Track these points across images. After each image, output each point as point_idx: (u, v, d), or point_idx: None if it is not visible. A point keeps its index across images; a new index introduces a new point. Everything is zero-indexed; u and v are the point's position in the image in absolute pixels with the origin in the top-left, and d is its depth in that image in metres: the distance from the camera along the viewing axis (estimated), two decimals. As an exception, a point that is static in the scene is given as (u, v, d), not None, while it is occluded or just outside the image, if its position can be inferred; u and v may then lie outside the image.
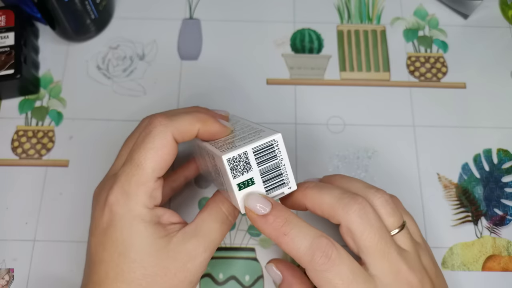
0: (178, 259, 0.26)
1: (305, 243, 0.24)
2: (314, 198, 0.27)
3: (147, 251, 0.26)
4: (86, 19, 0.39)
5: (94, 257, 0.27)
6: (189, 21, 0.43)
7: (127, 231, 0.26)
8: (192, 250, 0.26)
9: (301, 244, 0.25)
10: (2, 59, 0.38)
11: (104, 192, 0.27)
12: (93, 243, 0.27)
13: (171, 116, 0.27)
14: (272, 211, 0.25)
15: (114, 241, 0.26)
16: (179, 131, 0.27)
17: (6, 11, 0.39)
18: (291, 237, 0.25)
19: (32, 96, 0.40)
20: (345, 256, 0.25)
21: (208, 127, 0.27)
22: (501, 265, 0.35)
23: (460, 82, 0.41)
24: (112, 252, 0.26)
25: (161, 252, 0.26)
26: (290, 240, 0.25)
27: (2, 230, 0.35)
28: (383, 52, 0.42)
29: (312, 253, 0.24)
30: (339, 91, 0.40)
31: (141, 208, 0.26)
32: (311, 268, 0.25)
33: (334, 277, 0.24)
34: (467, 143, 0.39)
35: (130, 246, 0.26)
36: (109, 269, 0.26)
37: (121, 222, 0.26)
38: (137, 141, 0.27)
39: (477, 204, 0.37)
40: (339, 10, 0.44)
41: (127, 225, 0.26)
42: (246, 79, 0.41)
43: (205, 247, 0.27)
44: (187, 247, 0.26)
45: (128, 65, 0.41)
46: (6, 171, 0.37)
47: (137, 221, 0.26)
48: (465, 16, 0.43)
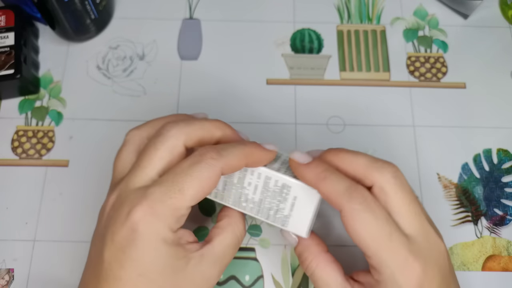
0: (194, 282, 0.26)
1: (343, 185, 0.26)
2: (348, 158, 0.27)
3: (167, 272, 0.25)
4: (86, 19, 0.39)
5: (108, 273, 0.25)
6: (189, 21, 0.43)
7: (149, 252, 0.25)
8: (208, 273, 0.26)
9: (340, 186, 0.26)
10: (2, 59, 0.38)
11: (127, 205, 0.25)
12: (108, 258, 0.25)
13: (221, 151, 0.26)
14: (313, 161, 0.27)
15: (134, 260, 0.25)
16: (227, 167, 0.26)
17: (6, 11, 0.39)
18: (330, 180, 0.26)
19: (32, 96, 0.40)
20: (379, 203, 0.26)
21: (254, 159, 0.28)
22: (501, 265, 0.35)
23: (460, 82, 0.41)
24: (131, 272, 0.25)
25: (179, 274, 0.26)
26: (330, 182, 0.26)
27: (2, 230, 0.35)
28: (383, 52, 0.42)
29: (350, 193, 0.25)
30: (339, 91, 0.40)
31: (167, 232, 0.25)
32: (348, 208, 0.25)
33: (370, 217, 0.25)
34: (467, 143, 0.39)
35: (151, 267, 0.25)
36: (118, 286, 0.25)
37: (144, 242, 0.25)
38: (181, 165, 0.26)
39: (477, 204, 0.37)
40: (339, 10, 0.44)
41: (150, 247, 0.25)
42: (246, 79, 0.41)
43: (220, 271, 0.27)
44: (204, 271, 0.26)
45: (128, 65, 0.41)
46: (6, 171, 0.37)
47: (161, 244, 0.25)
48: (465, 16, 0.43)
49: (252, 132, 0.38)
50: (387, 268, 0.25)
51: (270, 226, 0.36)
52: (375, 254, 0.25)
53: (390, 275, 0.25)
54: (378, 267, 0.25)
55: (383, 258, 0.25)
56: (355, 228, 0.25)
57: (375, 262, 0.25)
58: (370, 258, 0.26)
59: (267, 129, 0.39)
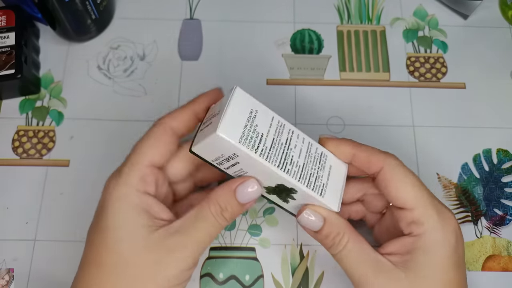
0: (154, 252, 0.26)
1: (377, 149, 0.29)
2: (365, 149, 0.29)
3: (125, 237, 0.26)
4: (87, 19, 0.39)
5: (86, 239, 0.28)
6: (189, 22, 0.43)
7: (111, 210, 0.26)
8: (171, 245, 0.26)
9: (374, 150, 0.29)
10: (3, 59, 0.38)
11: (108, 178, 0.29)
12: (90, 226, 0.28)
13: (170, 112, 0.30)
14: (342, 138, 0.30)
15: (99, 222, 0.27)
16: (173, 120, 0.29)
17: (7, 11, 0.39)
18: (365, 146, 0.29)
19: (32, 96, 0.40)
20: None
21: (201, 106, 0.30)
22: (501, 265, 0.35)
23: (460, 82, 0.41)
24: (97, 235, 0.27)
25: (138, 241, 0.26)
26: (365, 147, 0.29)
27: (2, 230, 0.35)
28: (383, 52, 0.42)
29: (386, 153, 0.29)
30: (339, 91, 0.40)
31: (129, 188, 0.27)
32: (389, 163, 0.27)
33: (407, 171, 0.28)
34: (466, 143, 0.39)
35: (111, 229, 0.26)
36: (90, 252, 0.27)
37: (109, 201, 0.27)
38: None
39: (477, 204, 0.37)
40: (339, 10, 0.44)
41: (112, 204, 0.26)
42: (246, 79, 0.41)
43: (186, 243, 0.26)
44: (167, 242, 0.26)
45: (129, 66, 0.41)
46: (6, 171, 0.37)
47: (122, 201, 0.26)
48: (465, 16, 0.43)
49: (252, 132, 0.38)
50: (430, 217, 0.26)
51: (270, 226, 0.36)
52: (418, 203, 0.26)
53: (434, 224, 0.26)
54: (420, 217, 0.26)
55: (426, 206, 0.26)
56: (397, 181, 0.27)
57: (418, 212, 0.26)
58: (412, 210, 0.26)
59: (267, 129, 0.39)
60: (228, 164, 0.27)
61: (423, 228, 0.26)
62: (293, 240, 0.35)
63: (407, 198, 0.27)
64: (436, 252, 0.26)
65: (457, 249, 0.26)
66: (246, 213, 0.36)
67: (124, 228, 0.26)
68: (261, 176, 0.27)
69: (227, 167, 0.27)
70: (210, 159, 0.28)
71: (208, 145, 0.26)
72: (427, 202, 0.27)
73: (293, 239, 0.35)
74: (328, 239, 0.28)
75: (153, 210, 0.27)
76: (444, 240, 0.26)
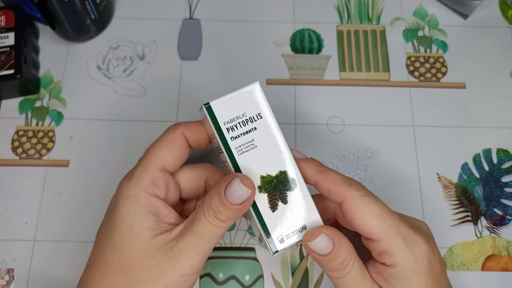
0: (154, 257, 0.26)
1: (341, 176, 0.27)
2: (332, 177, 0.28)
3: (130, 238, 0.26)
4: (86, 19, 0.39)
5: (95, 239, 0.28)
6: (189, 21, 0.43)
7: (120, 210, 0.26)
8: (170, 250, 0.26)
9: (338, 177, 0.27)
10: (2, 59, 0.38)
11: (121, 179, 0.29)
12: (101, 225, 0.28)
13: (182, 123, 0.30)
14: (310, 158, 0.29)
15: (108, 221, 0.27)
16: (187, 129, 0.29)
17: (6, 11, 0.39)
18: (329, 172, 0.28)
19: (32, 96, 0.40)
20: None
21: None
22: (501, 265, 0.35)
23: (460, 82, 0.41)
24: (105, 232, 0.27)
25: (141, 244, 0.26)
26: (329, 174, 0.27)
27: (2, 230, 0.35)
28: (382, 52, 0.42)
29: (349, 182, 0.27)
30: (339, 91, 0.40)
31: (139, 190, 0.27)
32: (350, 195, 0.26)
33: (371, 200, 0.26)
34: (466, 143, 0.39)
35: (118, 228, 0.26)
36: (97, 251, 0.27)
37: (119, 201, 0.27)
38: None
39: (477, 204, 0.37)
40: (339, 10, 0.44)
41: (122, 204, 0.27)
42: (246, 79, 0.41)
43: (184, 249, 0.26)
44: (166, 247, 0.26)
45: (128, 65, 0.41)
46: (6, 171, 0.37)
47: (131, 202, 0.26)
48: (465, 16, 0.43)
49: (252, 132, 0.38)
50: (398, 247, 0.26)
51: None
52: (384, 234, 0.26)
53: (403, 253, 0.26)
54: (388, 248, 0.26)
55: (392, 237, 0.26)
56: (359, 213, 0.26)
57: (385, 244, 0.26)
58: (379, 242, 0.26)
59: (267, 129, 0.39)
60: (242, 130, 0.26)
61: (393, 259, 0.26)
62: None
63: (372, 230, 0.26)
64: (411, 279, 0.26)
65: (433, 270, 0.26)
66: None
67: (131, 229, 0.26)
68: (270, 154, 0.26)
69: (237, 136, 0.26)
70: (224, 119, 0.26)
71: (234, 100, 0.27)
72: (393, 232, 0.26)
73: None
74: (334, 263, 0.26)
75: (161, 213, 0.27)
76: (416, 265, 0.26)
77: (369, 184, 0.37)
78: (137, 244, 0.26)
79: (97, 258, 0.27)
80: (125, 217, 0.26)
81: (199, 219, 0.26)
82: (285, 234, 0.26)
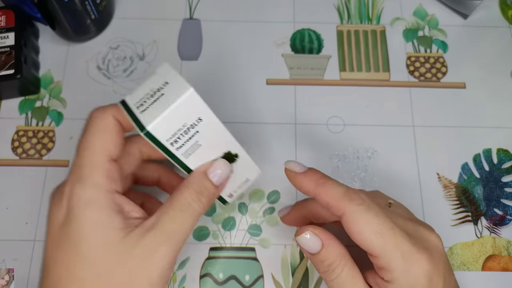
0: (133, 256, 0.24)
1: (341, 189, 0.27)
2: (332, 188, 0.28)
3: (99, 245, 0.24)
4: (86, 19, 0.39)
5: (48, 259, 0.25)
6: (189, 21, 0.43)
7: (81, 220, 0.24)
8: (149, 244, 0.24)
9: (338, 190, 0.26)
10: (2, 59, 0.38)
11: (60, 188, 0.26)
12: (48, 243, 0.25)
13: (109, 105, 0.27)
14: (309, 170, 0.28)
15: (68, 235, 0.24)
16: (118, 112, 0.26)
17: (6, 11, 0.39)
18: (329, 185, 0.27)
19: (32, 96, 0.40)
20: (376, 202, 0.27)
21: None
22: (501, 265, 0.35)
23: (460, 82, 0.41)
24: (66, 248, 0.24)
25: (115, 247, 0.24)
26: (329, 187, 0.27)
27: (2, 230, 0.35)
28: (382, 52, 0.42)
29: (349, 195, 0.26)
30: (339, 91, 0.40)
31: (96, 191, 0.24)
32: (349, 210, 0.26)
33: (371, 216, 0.25)
34: (466, 143, 0.39)
35: (83, 239, 0.24)
36: (62, 270, 0.24)
37: (75, 211, 0.24)
38: (81, 135, 0.27)
39: (477, 204, 0.37)
40: (339, 10, 0.44)
41: (81, 214, 0.24)
42: (246, 79, 0.41)
43: (164, 239, 0.25)
44: (145, 242, 0.24)
45: (128, 66, 0.41)
46: (6, 171, 0.37)
47: (91, 208, 0.24)
48: (465, 16, 0.43)
49: (252, 132, 0.38)
50: (397, 265, 0.25)
51: (270, 226, 0.36)
52: (383, 251, 0.25)
53: (401, 271, 0.25)
54: (387, 265, 0.25)
55: (391, 254, 0.25)
56: (358, 229, 0.25)
57: (384, 261, 0.25)
58: (378, 258, 0.25)
59: (267, 129, 0.39)
60: (185, 139, 0.26)
61: (391, 276, 0.25)
62: (293, 240, 0.35)
63: (371, 247, 0.25)
64: None
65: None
66: (246, 212, 0.36)
67: (100, 236, 0.24)
68: (214, 145, 0.27)
69: (181, 145, 0.26)
70: (166, 136, 0.25)
71: (172, 115, 0.24)
72: (392, 249, 0.25)
73: (293, 239, 0.35)
74: (323, 264, 0.27)
75: (125, 210, 0.25)
76: (415, 284, 0.25)
77: (369, 184, 0.37)
78: (112, 249, 0.24)
79: (63, 277, 0.24)
80: (90, 224, 0.24)
81: (181, 205, 0.25)
82: (233, 191, 0.31)
